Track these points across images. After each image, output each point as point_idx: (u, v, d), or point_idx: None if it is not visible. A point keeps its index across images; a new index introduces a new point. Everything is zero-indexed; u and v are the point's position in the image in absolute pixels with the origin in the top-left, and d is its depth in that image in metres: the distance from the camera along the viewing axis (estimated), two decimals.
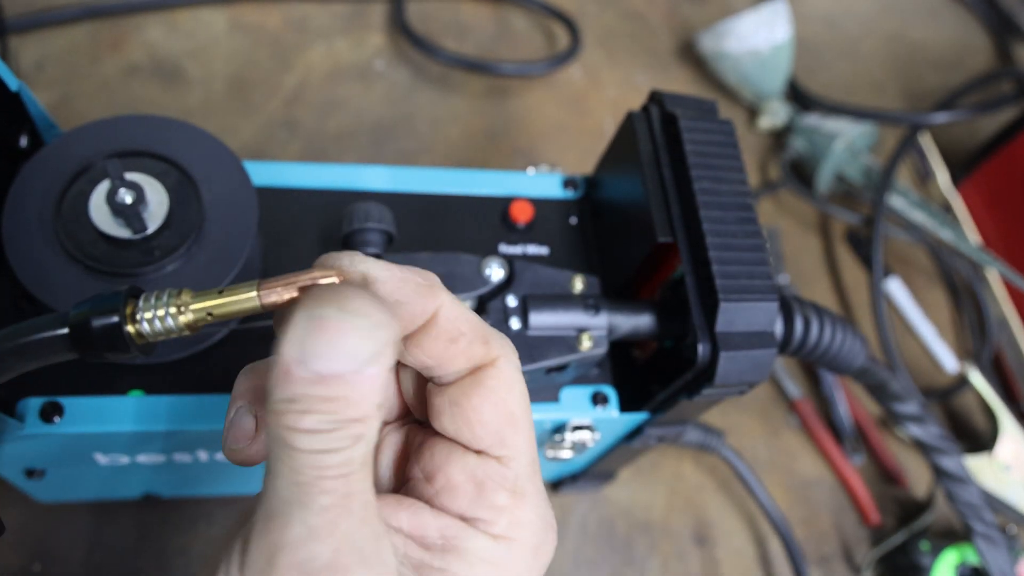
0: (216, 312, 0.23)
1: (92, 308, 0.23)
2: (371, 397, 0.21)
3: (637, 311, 0.43)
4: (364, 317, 0.21)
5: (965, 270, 0.77)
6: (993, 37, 1.01)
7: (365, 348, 0.21)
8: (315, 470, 0.21)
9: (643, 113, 0.45)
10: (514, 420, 0.25)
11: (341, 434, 0.21)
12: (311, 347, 0.20)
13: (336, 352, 0.20)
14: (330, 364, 0.20)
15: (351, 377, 0.20)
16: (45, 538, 0.51)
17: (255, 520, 0.21)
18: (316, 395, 0.20)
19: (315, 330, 0.20)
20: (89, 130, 0.39)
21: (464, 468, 0.25)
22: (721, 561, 0.60)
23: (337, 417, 0.21)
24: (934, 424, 0.51)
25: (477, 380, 0.25)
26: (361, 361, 0.21)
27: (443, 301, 0.24)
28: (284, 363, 0.21)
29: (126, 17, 0.72)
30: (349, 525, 0.21)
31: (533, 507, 0.25)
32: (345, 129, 0.71)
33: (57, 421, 0.37)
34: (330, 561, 0.20)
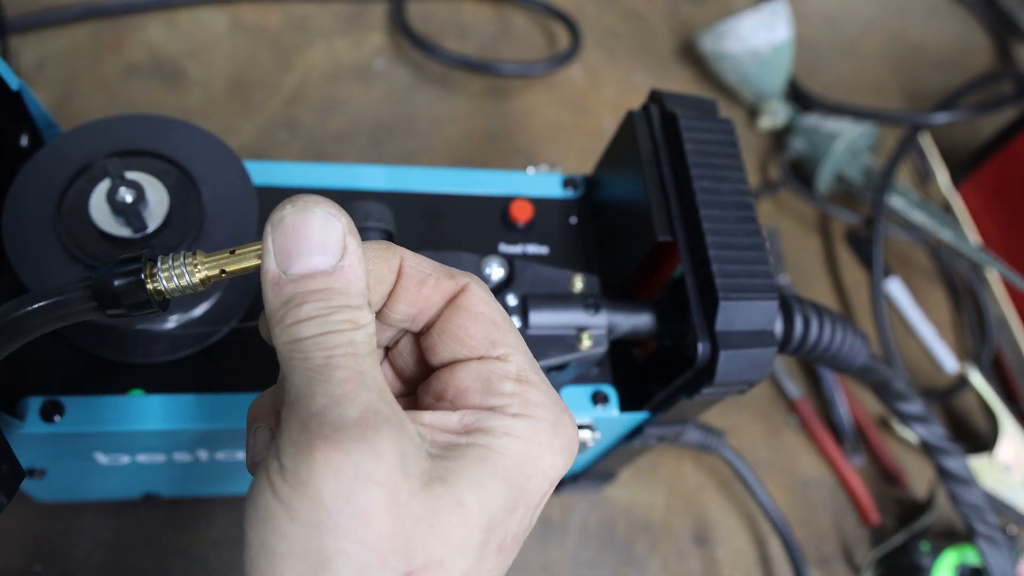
0: (228, 268, 0.25)
1: (115, 268, 0.25)
2: (355, 286, 0.24)
3: (637, 310, 0.43)
4: (316, 204, 0.24)
5: (965, 270, 0.77)
6: (993, 37, 1.01)
7: (331, 238, 0.23)
8: (324, 351, 0.23)
9: (643, 112, 0.45)
10: (498, 325, 0.27)
11: (338, 317, 0.23)
12: (285, 252, 0.23)
13: (308, 248, 0.23)
14: (307, 262, 0.23)
15: (332, 271, 0.23)
16: (45, 538, 0.51)
17: (283, 417, 0.23)
18: (307, 290, 0.23)
19: (280, 233, 0.23)
20: (89, 129, 0.39)
21: (469, 372, 0.26)
22: (721, 561, 0.60)
23: (331, 303, 0.23)
24: (938, 424, 0.51)
25: (455, 305, 0.27)
26: (333, 253, 0.23)
27: (403, 253, 0.27)
28: (270, 277, 0.24)
29: (126, 17, 0.72)
30: (368, 396, 0.23)
31: (541, 391, 0.26)
32: (345, 129, 0.71)
33: (57, 420, 0.37)
34: (358, 419, 0.22)
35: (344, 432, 0.21)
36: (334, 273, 0.23)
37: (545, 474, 0.25)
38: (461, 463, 0.24)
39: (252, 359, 0.41)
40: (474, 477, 0.24)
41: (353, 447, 0.21)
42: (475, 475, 0.24)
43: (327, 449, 0.21)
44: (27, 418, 0.37)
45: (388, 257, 0.26)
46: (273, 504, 0.21)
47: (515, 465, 0.25)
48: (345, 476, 0.21)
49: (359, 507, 0.21)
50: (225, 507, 0.54)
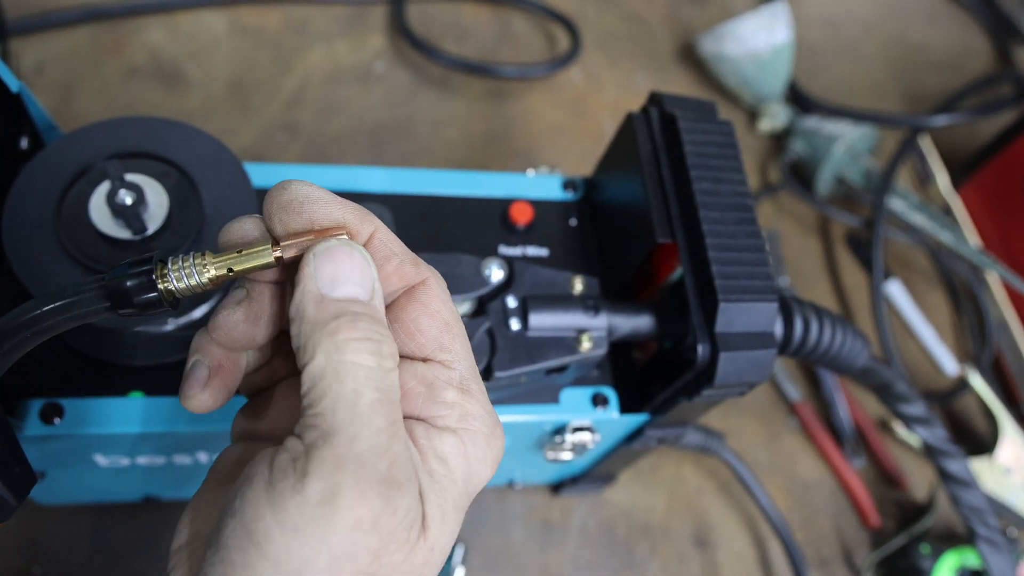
0: (236, 267, 0.26)
1: (127, 269, 0.25)
2: (385, 327, 0.25)
3: (637, 312, 0.43)
4: (359, 247, 0.25)
5: (965, 273, 0.77)
6: (993, 40, 1.01)
7: (368, 276, 0.25)
8: (377, 391, 0.23)
9: (643, 114, 0.46)
10: (450, 328, 0.28)
11: (387, 349, 0.24)
12: (329, 276, 0.24)
13: (350, 277, 0.24)
14: (350, 289, 0.24)
15: (367, 302, 0.25)
16: (45, 541, 0.51)
17: (306, 439, 0.23)
18: (354, 311, 0.24)
19: (327, 259, 0.24)
20: (89, 131, 0.39)
21: (413, 374, 0.27)
22: (721, 564, 0.60)
23: (381, 330, 0.24)
24: (939, 426, 0.51)
25: (412, 296, 0.27)
26: (368, 290, 0.25)
27: (378, 225, 0.27)
28: (313, 296, 0.24)
29: (127, 19, 0.72)
30: (398, 447, 0.23)
31: (479, 402, 0.27)
32: (345, 131, 0.71)
33: (57, 422, 0.37)
34: (387, 475, 0.23)
35: (374, 488, 0.22)
36: (369, 306, 0.25)
37: (469, 482, 0.26)
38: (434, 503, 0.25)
39: None
40: (443, 517, 0.25)
41: (376, 504, 0.22)
42: (444, 515, 0.25)
43: (354, 499, 0.22)
44: (27, 420, 0.37)
45: (363, 221, 0.26)
46: (283, 515, 0.22)
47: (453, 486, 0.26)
48: (361, 527, 0.22)
49: (355, 551, 0.22)
50: None
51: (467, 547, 0.56)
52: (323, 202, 0.26)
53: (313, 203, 0.26)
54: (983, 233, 0.80)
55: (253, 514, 0.22)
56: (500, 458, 0.28)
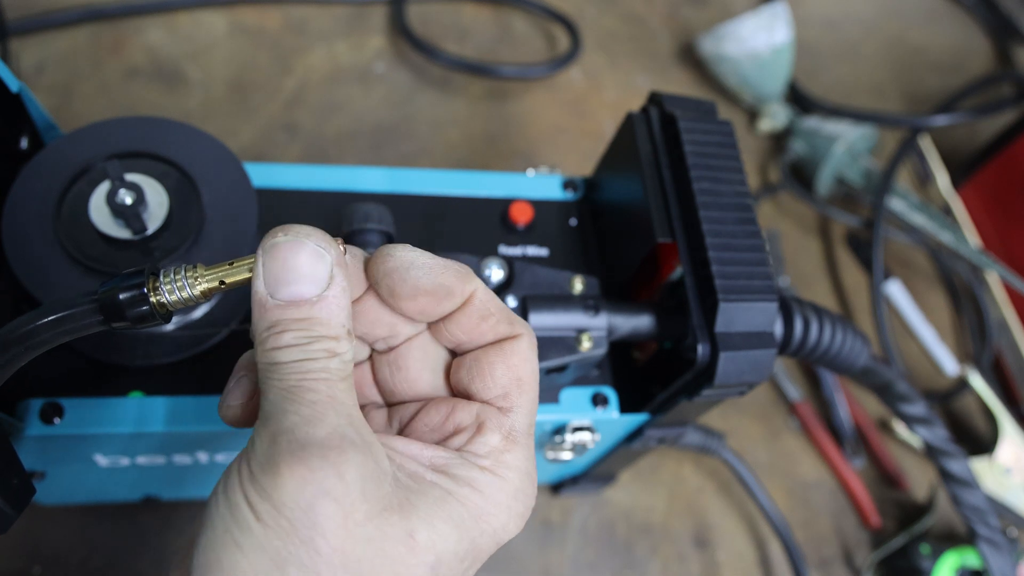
0: (227, 280, 0.26)
1: (120, 282, 0.25)
2: (337, 316, 0.25)
3: (637, 312, 0.43)
4: (308, 237, 0.25)
5: (965, 273, 0.77)
6: (993, 40, 1.01)
7: (319, 269, 0.25)
8: (298, 374, 0.24)
9: (642, 114, 0.46)
10: (521, 384, 0.28)
11: (316, 347, 0.24)
12: (273, 276, 0.25)
13: (296, 276, 0.24)
14: (294, 289, 0.24)
15: (316, 300, 0.25)
16: (45, 541, 0.51)
17: (255, 429, 0.24)
18: (290, 317, 0.24)
19: (271, 258, 0.25)
20: (89, 131, 0.39)
21: (470, 412, 0.28)
22: (721, 564, 0.60)
23: (310, 333, 0.24)
24: (940, 426, 0.51)
25: (499, 347, 0.28)
26: (320, 283, 0.25)
27: (478, 285, 0.28)
28: (258, 299, 0.25)
29: (126, 20, 0.72)
30: (338, 419, 0.24)
31: (522, 456, 0.28)
32: (345, 131, 0.71)
33: (57, 422, 0.37)
34: (324, 440, 0.23)
35: (309, 450, 0.23)
36: (318, 303, 0.25)
37: (495, 533, 0.26)
38: (420, 498, 0.25)
39: None
40: (428, 514, 0.25)
41: (316, 464, 0.22)
42: (429, 513, 0.25)
43: (292, 464, 0.22)
44: (27, 420, 0.37)
45: (464, 282, 0.27)
46: (242, 503, 0.23)
47: (471, 516, 0.26)
48: (306, 490, 0.22)
49: (316, 520, 0.22)
50: None
51: None
52: (427, 268, 0.27)
53: (418, 269, 0.27)
54: (983, 233, 0.80)
55: (216, 511, 0.23)
56: (526, 516, 0.28)
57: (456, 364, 0.29)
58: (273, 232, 0.25)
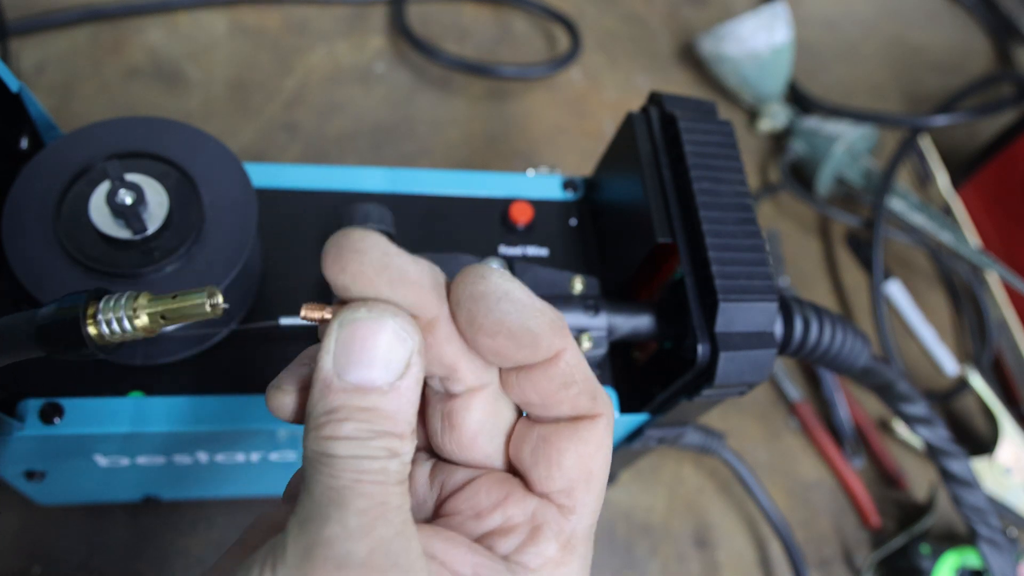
0: (169, 315, 0.24)
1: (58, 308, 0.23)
2: (405, 412, 0.22)
3: (637, 312, 0.43)
4: (393, 317, 0.22)
5: (965, 273, 0.77)
6: (993, 40, 1.01)
7: (397, 356, 0.22)
8: (353, 473, 0.21)
9: (642, 114, 0.46)
10: (591, 478, 0.25)
11: (378, 443, 0.22)
12: (346, 355, 0.22)
13: (370, 359, 0.22)
14: (365, 373, 0.22)
15: (387, 389, 0.22)
16: (45, 541, 0.51)
17: (289, 528, 0.22)
18: (354, 404, 0.22)
19: (348, 334, 0.22)
20: (89, 132, 0.39)
21: (525, 509, 0.24)
22: (721, 564, 0.60)
23: (374, 427, 0.22)
24: (942, 426, 0.51)
25: (573, 427, 0.25)
26: (394, 371, 0.22)
27: (568, 344, 0.24)
28: (323, 376, 0.22)
29: (127, 20, 0.72)
30: (385, 531, 0.21)
31: (578, 568, 0.24)
32: (345, 131, 0.71)
33: (57, 422, 0.37)
34: (365, 560, 0.21)
35: (348, 571, 0.20)
36: (389, 393, 0.22)
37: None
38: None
39: (252, 361, 0.41)
40: None
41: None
42: None
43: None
44: (27, 420, 0.37)
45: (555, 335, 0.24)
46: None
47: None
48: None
49: None
50: (225, 509, 0.54)
51: None
52: (522, 305, 0.23)
53: (510, 303, 0.23)
54: (983, 233, 0.80)
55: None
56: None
57: (519, 433, 0.26)
58: (355, 306, 0.22)
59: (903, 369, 0.71)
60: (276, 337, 0.42)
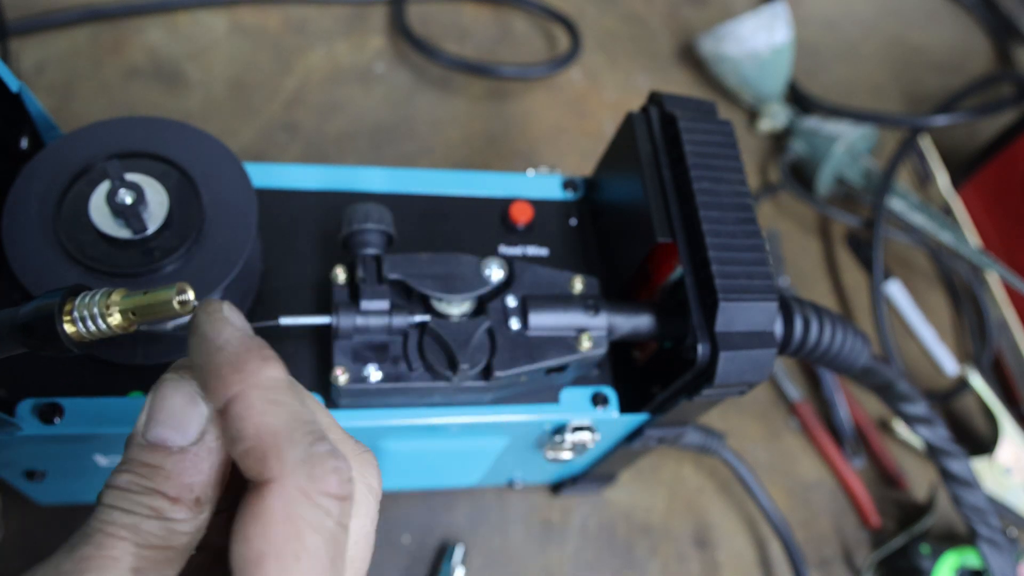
0: (139, 312, 0.24)
1: (36, 304, 0.23)
2: (188, 476, 0.22)
3: (637, 312, 0.43)
4: (189, 383, 0.22)
5: (965, 273, 0.77)
6: (993, 40, 1.01)
7: (189, 418, 0.22)
8: (99, 522, 0.21)
9: (642, 114, 0.46)
10: (262, 562, 0.20)
11: (142, 499, 0.21)
12: (148, 413, 0.23)
13: (165, 418, 0.22)
14: (160, 432, 0.22)
15: (175, 451, 0.22)
16: (45, 541, 0.51)
17: None
18: (140, 459, 0.22)
19: (153, 393, 0.23)
20: (89, 131, 0.39)
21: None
22: (721, 564, 0.60)
23: (146, 483, 0.22)
24: (942, 426, 0.51)
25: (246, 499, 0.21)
26: (187, 435, 0.22)
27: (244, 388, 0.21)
28: (133, 432, 0.23)
29: (127, 20, 0.72)
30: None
31: None
32: (345, 131, 0.71)
33: (57, 422, 0.37)
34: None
35: None
36: (176, 455, 0.22)
37: None
38: None
39: None
40: None
41: None
42: None
43: None
44: (26, 420, 0.37)
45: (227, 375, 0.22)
46: None
47: None
48: None
49: None
50: None
51: (467, 547, 0.56)
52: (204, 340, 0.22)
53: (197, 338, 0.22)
54: (983, 233, 0.80)
55: None
56: None
57: None
58: (174, 366, 0.23)
59: (903, 369, 0.71)
60: (276, 337, 0.42)
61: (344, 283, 0.40)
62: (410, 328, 0.40)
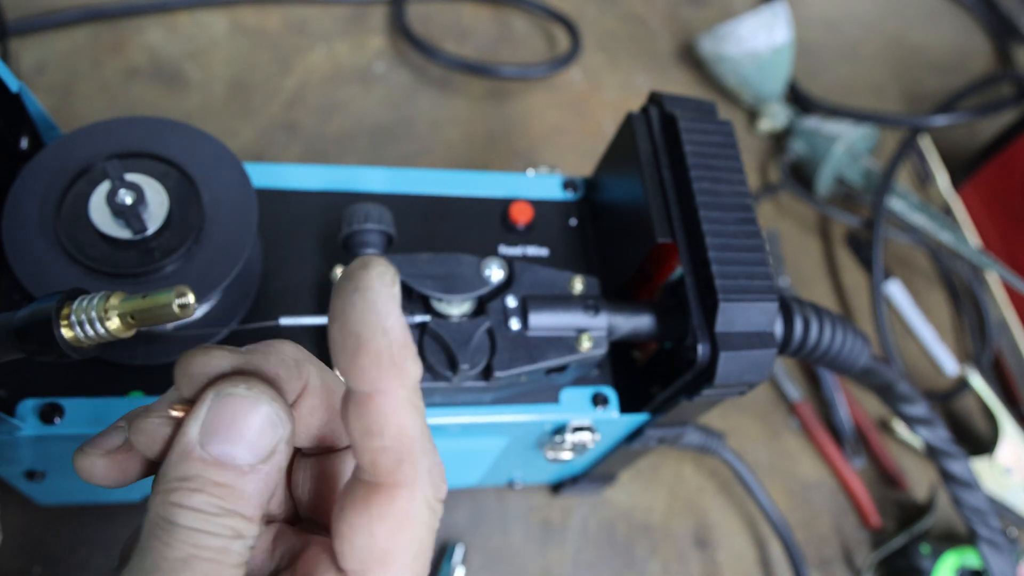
0: (138, 316, 0.23)
1: (33, 309, 0.23)
2: (261, 496, 0.22)
3: (637, 312, 0.43)
4: (269, 403, 0.22)
5: (965, 273, 0.77)
6: (993, 40, 1.01)
7: (265, 440, 0.22)
8: (190, 548, 0.20)
9: (642, 114, 0.46)
10: (387, 560, 0.22)
11: (224, 521, 0.21)
12: (214, 427, 0.21)
13: (237, 436, 0.21)
14: (229, 450, 0.21)
15: (247, 470, 0.21)
16: (45, 541, 0.51)
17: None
18: (210, 478, 0.21)
19: (220, 406, 0.22)
20: (89, 131, 0.39)
21: None
22: (721, 564, 0.60)
23: (225, 504, 0.21)
24: (942, 427, 0.51)
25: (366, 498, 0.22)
26: (259, 455, 0.22)
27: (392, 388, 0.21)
28: (185, 442, 0.22)
29: (126, 20, 0.72)
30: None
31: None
32: (345, 131, 0.71)
33: (57, 422, 0.37)
34: None
35: None
36: (248, 474, 0.21)
37: None
38: None
39: None
40: None
41: None
42: None
43: None
44: (27, 420, 0.37)
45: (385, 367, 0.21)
46: None
47: None
48: None
49: None
50: None
51: (467, 547, 0.56)
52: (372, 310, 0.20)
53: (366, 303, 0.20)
54: (983, 233, 0.80)
55: None
56: None
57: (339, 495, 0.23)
58: (235, 380, 0.22)
59: (903, 369, 0.71)
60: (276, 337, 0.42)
61: None
62: (410, 328, 0.40)
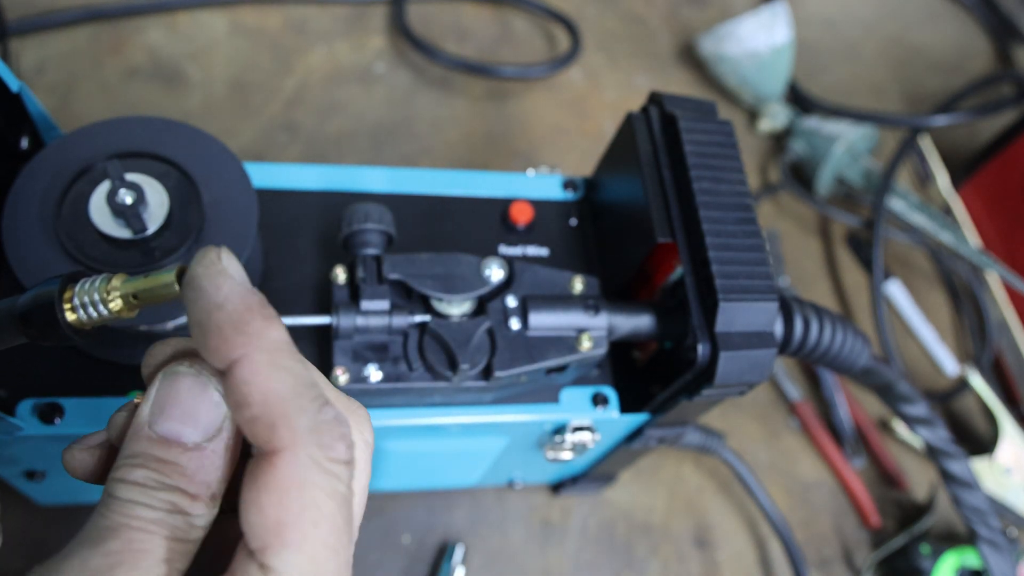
0: (140, 296, 0.23)
1: (36, 293, 0.23)
2: (204, 474, 0.21)
3: (637, 312, 0.43)
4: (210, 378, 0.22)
5: (965, 273, 0.77)
6: (993, 40, 1.01)
7: (208, 416, 0.22)
8: (122, 516, 0.20)
9: (643, 114, 0.46)
10: (282, 531, 0.20)
11: (163, 495, 0.21)
12: (160, 406, 0.22)
13: (182, 414, 0.22)
14: (175, 427, 0.22)
15: (191, 447, 0.21)
16: (46, 541, 0.51)
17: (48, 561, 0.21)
18: (153, 454, 0.21)
19: (167, 385, 0.22)
20: (89, 131, 0.39)
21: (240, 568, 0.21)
22: (721, 564, 0.60)
23: (165, 480, 0.21)
24: (942, 427, 0.51)
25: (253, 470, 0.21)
26: (204, 432, 0.22)
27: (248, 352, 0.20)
28: (137, 423, 0.22)
29: (127, 20, 0.72)
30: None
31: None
32: (345, 131, 0.71)
33: (57, 422, 0.37)
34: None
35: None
36: (192, 451, 0.21)
37: None
38: None
39: None
40: None
41: None
42: None
43: None
44: (27, 420, 0.37)
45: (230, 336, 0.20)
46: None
47: None
48: None
49: None
50: None
51: (467, 547, 0.56)
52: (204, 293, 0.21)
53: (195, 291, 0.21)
54: (983, 233, 0.80)
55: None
56: None
57: None
58: (180, 360, 0.22)
59: (903, 369, 0.71)
60: None
61: (344, 283, 0.40)
62: (410, 328, 0.40)
